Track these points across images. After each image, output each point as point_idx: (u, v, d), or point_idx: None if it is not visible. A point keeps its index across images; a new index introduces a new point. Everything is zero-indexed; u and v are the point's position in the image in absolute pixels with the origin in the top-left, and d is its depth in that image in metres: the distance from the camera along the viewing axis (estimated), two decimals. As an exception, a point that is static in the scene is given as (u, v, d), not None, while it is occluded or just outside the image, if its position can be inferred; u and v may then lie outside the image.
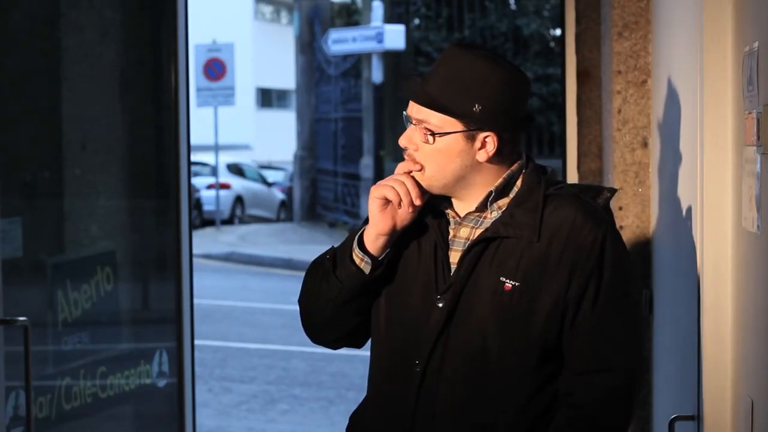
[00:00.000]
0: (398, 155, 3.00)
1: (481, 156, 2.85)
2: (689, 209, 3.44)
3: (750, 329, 3.01)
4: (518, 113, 2.88)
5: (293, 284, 17.54)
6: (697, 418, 3.29)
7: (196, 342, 5.08)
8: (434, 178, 2.87)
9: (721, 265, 3.20)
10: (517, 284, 2.81)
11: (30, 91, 4.56)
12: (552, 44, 21.64)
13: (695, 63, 3.29)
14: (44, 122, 4.64)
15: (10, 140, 4.36)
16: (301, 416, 9.12)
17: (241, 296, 15.46)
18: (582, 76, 4.77)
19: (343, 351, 3.23)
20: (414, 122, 2.86)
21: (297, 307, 3.10)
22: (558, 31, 19.89)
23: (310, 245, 21.11)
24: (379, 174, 20.53)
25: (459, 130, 2.83)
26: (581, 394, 2.81)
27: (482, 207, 2.89)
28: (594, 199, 2.90)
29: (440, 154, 2.84)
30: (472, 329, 2.83)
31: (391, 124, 21.05)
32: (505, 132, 2.86)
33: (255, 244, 21.56)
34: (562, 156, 4.97)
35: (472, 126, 2.82)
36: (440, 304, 2.85)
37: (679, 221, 3.62)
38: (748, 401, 3.00)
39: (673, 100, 3.70)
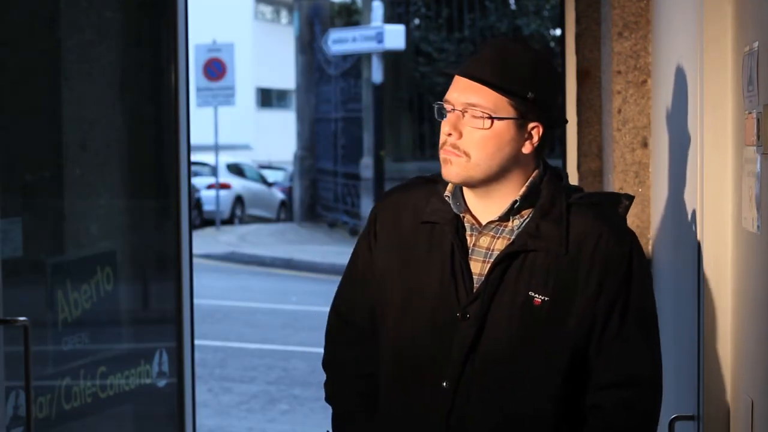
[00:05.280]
0: (398, 155, 2.98)
1: (527, 147, 2.78)
2: (689, 209, 3.44)
3: (750, 329, 3.01)
4: (560, 108, 2.84)
5: (293, 284, 17.47)
6: (697, 418, 3.29)
7: (196, 342, 5.07)
8: (479, 167, 2.76)
9: (721, 265, 3.20)
10: (546, 299, 2.75)
11: (30, 91, 4.55)
12: (552, 44, 21.64)
13: (695, 63, 3.29)
14: (44, 122, 4.64)
15: (10, 140, 4.36)
16: (301, 416, 9.12)
17: (241, 296, 15.46)
18: (582, 76, 4.78)
19: (344, 351, 3.20)
20: (460, 108, 2.76)
21: (297, 307, 3.11)
22: (558, 31, 19.89)
23: (310, 245, 21.12)
24: (380, 174, 20.53)
25: (513, 116, 2.75)
26: (608, 407, 2.78)
27: (506, 216, 2.81)
28: (615, 208, 2.87)
29: (491, 141, 2.75)
30: (502, 345, 2.76)
31: (391, 124, 21.05)
32: (549, 125, 2.81)
33: (255, 244, 21.57)
34: (562, 156, 4.97)
35: (525, 113, 2.75)
36: (468, 318, 2.77)
37: (679, 221, 3.62)
38: (748, 401, 3.00)
39: (673, 100, 3.70)
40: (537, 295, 2.75)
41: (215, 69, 23.79)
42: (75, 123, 4.73)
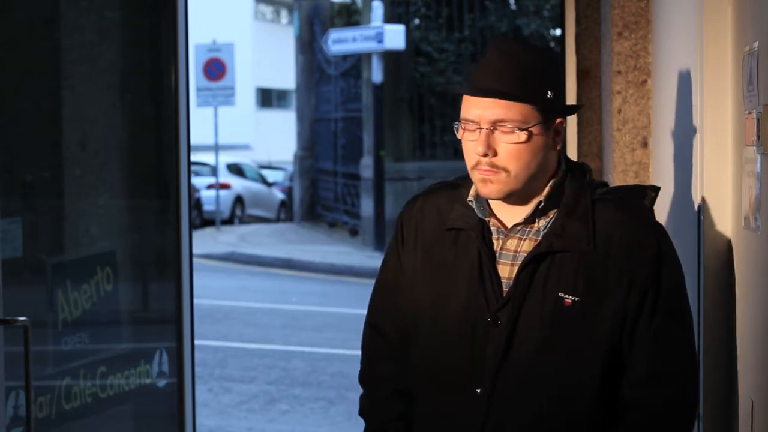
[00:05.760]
0: (398, 155, 2.95)
1: (556, 144, 2.76)
2: (689, 209, 3.44)
3: (750, 329, 3.01)
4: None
5: (293, 284, 17.46)
6: (697, 418, 3.29)
7: (196, 342, 5.07)
8: (519, 179, 2.73)
9: (721, 265, 3.20)
10: (576, 299, 2.71)
11: (30, 91, 4.55)
12: (552, 44, 21.64)
13: (695, 63, 3.30)
14: (44, 122, 4.64)
15: (10, 140, 4.36)
16: (301, 416, 9.12)
17: (241, 296, 15.46)
18: (582, 76, 4.78)
19: (344, 351, 3.20)
20: (487, 126, 2.71)
21: (297, 307, 3.09)
22: (558, 31, 19.89)
23: (310, 245, 21.12)
24: (380, 174, 20.54)
25: (541, 120, 2.72)
26: (642, 405, 2.74)
27: (531, 218, 2.78)
28: (640, 201, 2.83)
29: (527, 150, 2.72)
30: (535, 348, 2.72)
31: (391, 124, 21.05)
32: (567, 116, 2.81)
33: (255, 244, 21.57)
34: (562, 156, 4.96)
35: (549, 114, 2.73)
36: (499, 323, 2.73)
37: (679, 221, 3.62)
38: (748, 401, 3.00)
39: (673, 100, 3.70)
40: (567, 296, 2.71)
41: (215, 69, 23.79)
42: (75, 123, 4.73)
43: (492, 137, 2.71)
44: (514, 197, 2.77)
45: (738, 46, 3.09)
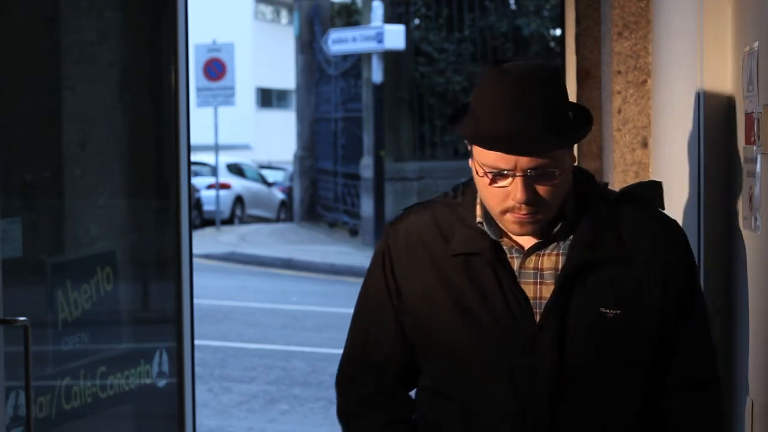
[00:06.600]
0: (398, 155, 2.90)
1: (574, 159, 2.65)
2: (689, 209, 3.44)
3: (750, 329, 3.01)
4: None
5: (293, 284, 17.47)
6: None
7: (196, 342, 5.07)
8: (553, 210, 2.60)
9: (721, 266, 3.20)
10: (618, 312, 2.60)
11: (30, 91, 4.55)
12: (552, 44, 21.64)
13: (695, 63, 3.30)
14: (44, 122, 4.64)
15: (10, 140, 4.36)
16: (301, 416, 9.12)
17: (241, 296, 15.46)
18: (582, 76, 4.78)
19: (343, 351, 3.17)
20: (524, 173, 2.52)
21: (297, 307, 3.08)
22: (558, 31, 19.89)
23: (310, 245, 21.12)
24: (380, 174, 20.54)
25: (569, 148, 2.61)
26: (684, 407, 2.68)
27: (554, 238, 2.63)
28: (653, 200, 2.78)
29: (562, 183, 2.59)
30: (584, 369, 2.60)
31: (391, 124, 21.05)
32: (588, 130, 2.69)
33: (255, 244, 21.58)
34: (562, 156, 4.96)
35: (574, 135, 2.61)
36: (538, 349, 2.58)
37: (679, 221, 3.61)
38: (748, 401, 3.00)
39: (673, 100, 3.70)
40: (608, 310, 2.60)
41: (215, 69, 23.81)
42: (75, 123, 4.73)
43: (530, 181, 2.54)
44: None
45: (738, 46, 3.09)
